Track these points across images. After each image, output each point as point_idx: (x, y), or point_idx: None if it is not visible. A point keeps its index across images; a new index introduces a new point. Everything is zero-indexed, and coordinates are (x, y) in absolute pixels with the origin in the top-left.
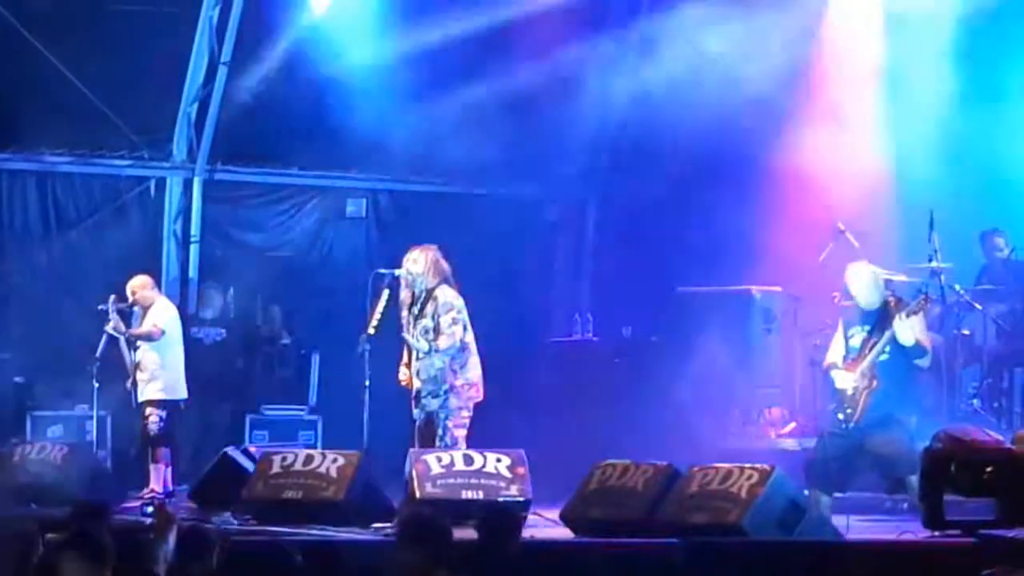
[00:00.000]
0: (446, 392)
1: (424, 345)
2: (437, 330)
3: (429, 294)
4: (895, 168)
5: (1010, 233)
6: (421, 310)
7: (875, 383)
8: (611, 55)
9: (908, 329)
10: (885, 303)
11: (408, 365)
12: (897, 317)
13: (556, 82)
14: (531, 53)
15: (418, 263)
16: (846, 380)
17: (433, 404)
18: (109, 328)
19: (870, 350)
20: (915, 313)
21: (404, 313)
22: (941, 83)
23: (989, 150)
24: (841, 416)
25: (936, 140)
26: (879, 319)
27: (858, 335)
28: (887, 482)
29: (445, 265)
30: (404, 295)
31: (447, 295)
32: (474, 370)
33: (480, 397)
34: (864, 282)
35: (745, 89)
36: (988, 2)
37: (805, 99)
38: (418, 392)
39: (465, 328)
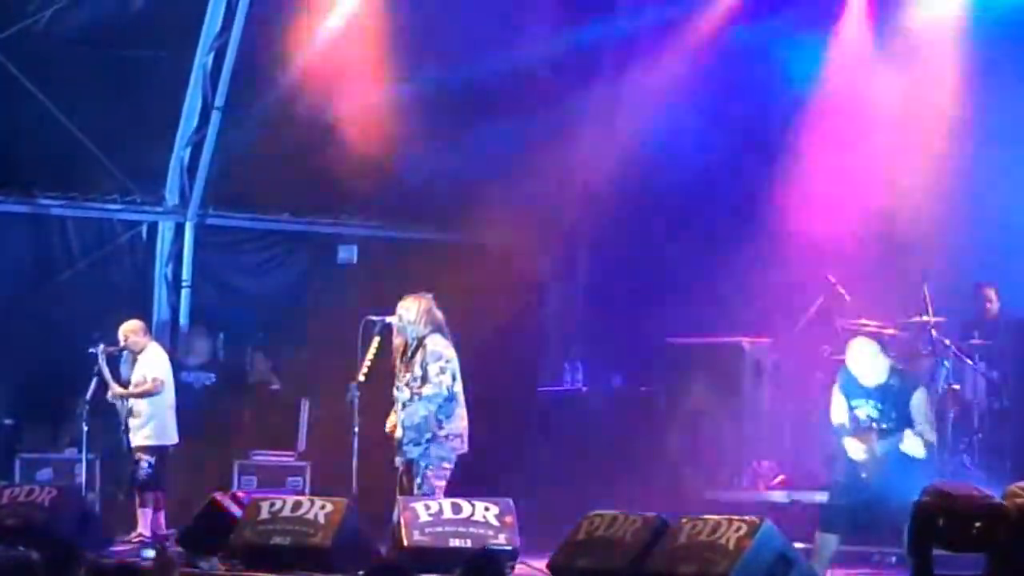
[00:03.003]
0: (428, 441)
1: (406, 393)
2: (424, 378)
3: (420, 342)
4: (887, 219)
5: (1002, 287)
6: (411, 358)
7: (886, 462)
8: (602, 108)
9: (918, 441)
10: (888, 380)
11: (397, 413)
12: (907, 433)
13: (548, 133)
14: (523, 104)
15: (411, 311)
16: (858, 451)
17: (414, 452)
18: (109, 396)
19: (879, 436)
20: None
21: (396, 360)
22: (938, 134)
23: (985, 200)
24: (864, 475)
25: (930, 191)
26: (885, 398)
27: (863, 408)
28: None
29: (438, 314)
30: (397, 342)
31: (437, 344)
32: (459, 421)
33: (464, 449)
34: (868, 365)
35: (736, 141)
36: (988, 46)
37: (797, 151)
38: (400, 440)
39: (454, 378)
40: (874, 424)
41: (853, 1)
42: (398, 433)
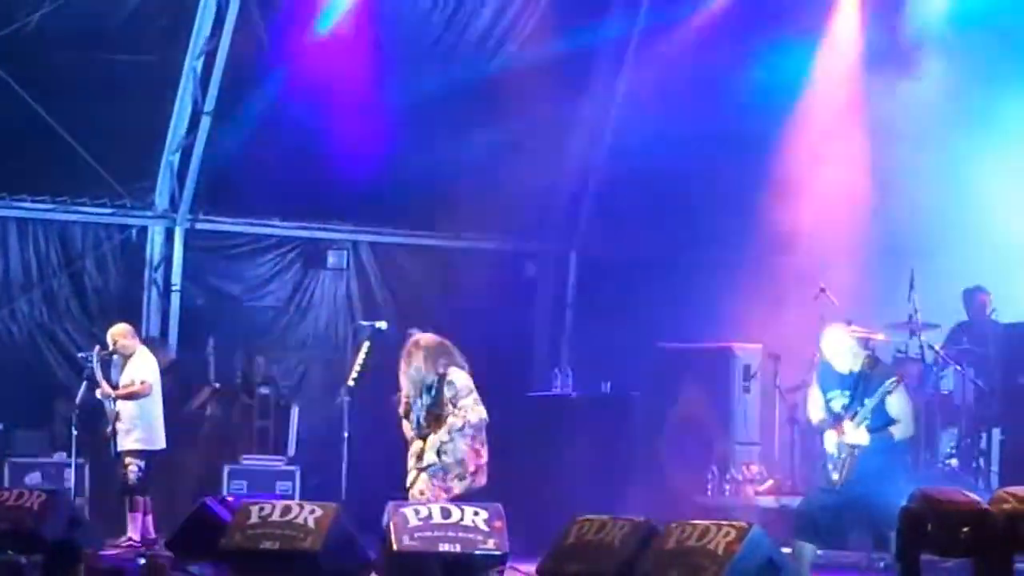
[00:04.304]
0: (472, 475)
1: (445, 435)
2: (455, 413)
3: (442, 379)
4: (877, 224)
5: (992, 292)
6: (437, 396)
7: (856, 452)
8: (593, 110)
9: (860, 432)
10: (863, 368)
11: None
12: (847, 424)
13: (538, 137)
14: (514, 108)
15: (417, 360)
16: (831, 443)
17: (460, 487)
18: (98, 394)
19: (851, 419)
20: (889, 393)
21: (410, 399)
22: (927, 137)
23: (975, 205)
24: (836, 476)
25: (920, 196)
26: (856, 385)
27: (838, 399)
28: (874, 538)
29: (438, 343)
30: (409, 392)
31: (460, 377)
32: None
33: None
34: (840, 348)
35: (727, 146)
36: (976, 56)
37: (786, 156)
38: (444, 471)
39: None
40: (845, 413)
41: (844, 3)
42: (431, 459)
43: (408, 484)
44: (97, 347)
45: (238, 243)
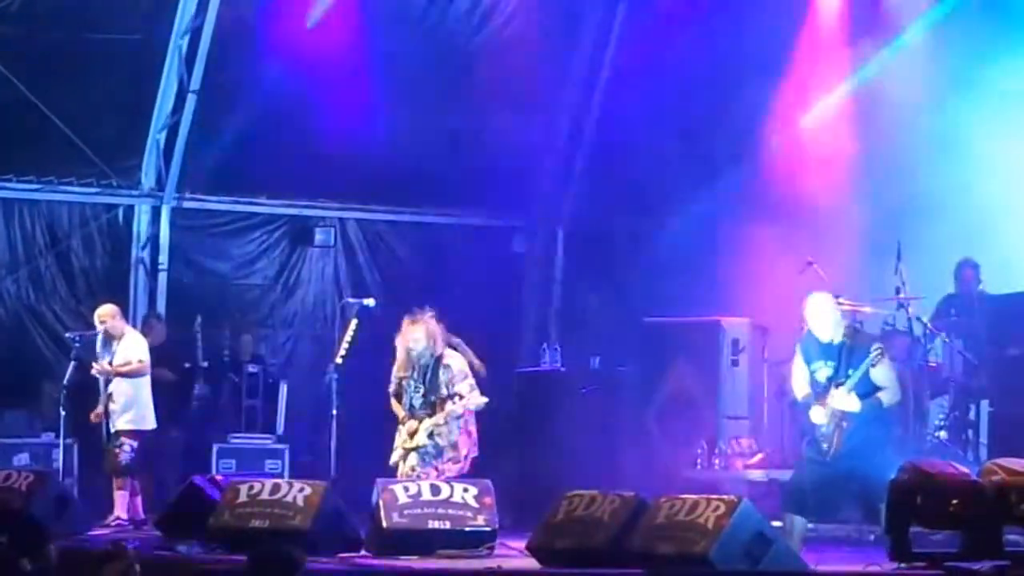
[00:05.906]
0: (465, 457)
1: (441, 419)
2: (450, 397)
3: (438, 362)
4: (865, 197)
5: (981, 265)
6: (433, 377)
7: (845, 423)
8: (581, 83)
9: (851, 398)
10: (845, 338)
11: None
12: (834, 393)
13: (526, 111)
14: (500, 83)
15: (420, 339)
16: (820, 415)
17: (453, 469)
18: (95, 371)
19: (836, 388)
20: (874, 366)
21: (404, 375)
22: (915, 106)
23: (964, 177)
24: (825, 447)
25: (908, 169)
26: (840, 355)
27: (822, 370)
28: (863, 511)
29: (441, 327)
30: (404, 361)
31: (456, 360)
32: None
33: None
34: (824, 316)
35: (715, 119)
36: (965, 23)
37: (774, 129)
38: (438, 453)
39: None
40: (832, 384)
41: None
42: (423, 441)
43: (392, 462)
44: (103, 327)
45: (225, 221)
